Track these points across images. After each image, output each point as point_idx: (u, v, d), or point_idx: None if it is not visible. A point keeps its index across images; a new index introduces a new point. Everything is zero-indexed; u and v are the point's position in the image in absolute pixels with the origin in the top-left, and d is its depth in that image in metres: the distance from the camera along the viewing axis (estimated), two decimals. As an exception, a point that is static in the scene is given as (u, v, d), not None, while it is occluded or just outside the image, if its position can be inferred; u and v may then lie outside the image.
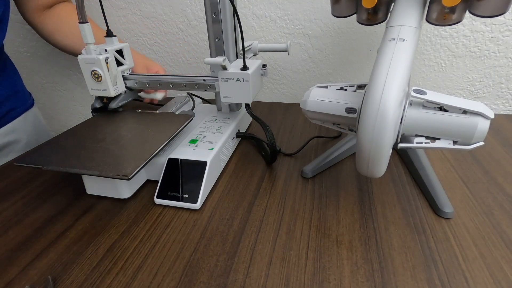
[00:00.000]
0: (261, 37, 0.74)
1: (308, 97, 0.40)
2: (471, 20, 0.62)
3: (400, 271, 0.32)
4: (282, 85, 0.79)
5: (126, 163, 0.39)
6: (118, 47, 0.52)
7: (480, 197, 0.42)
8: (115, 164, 0.39)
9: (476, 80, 0.67)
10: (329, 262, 0.33)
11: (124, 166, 0.38)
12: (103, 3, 0.79)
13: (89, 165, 0.39)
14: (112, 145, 0.43)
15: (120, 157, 0.41)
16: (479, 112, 0.31)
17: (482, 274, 0.31)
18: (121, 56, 0.53)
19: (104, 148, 0.43)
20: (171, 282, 0.32)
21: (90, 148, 0.43)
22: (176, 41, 0.81)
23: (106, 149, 0.43)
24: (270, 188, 0.45)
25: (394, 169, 0.48)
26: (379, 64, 0.31)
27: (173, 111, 0.59)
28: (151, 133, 0.46)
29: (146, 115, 0.53)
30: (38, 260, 0.35)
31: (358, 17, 0.41)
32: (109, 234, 0.38)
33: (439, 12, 0.35)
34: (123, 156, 0.41)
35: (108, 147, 0.43)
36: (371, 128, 0.30)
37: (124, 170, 0.37)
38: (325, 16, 0.68)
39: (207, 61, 0.46)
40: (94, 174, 0.37)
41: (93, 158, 0.41)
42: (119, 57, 0.52)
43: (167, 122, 0.49)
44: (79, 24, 0.46)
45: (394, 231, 0.37)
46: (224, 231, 0.38)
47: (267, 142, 0.48)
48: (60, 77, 0.96)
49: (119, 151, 0.42)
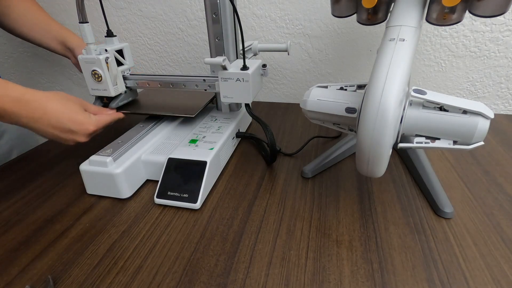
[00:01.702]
0: (261, 37, 0.74)
1: (308, 97, 0.40)
2: (471, 20, 0.62)
3: (400, 271, 0.32)
4: (282, 85, 0.79)
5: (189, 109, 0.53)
6: (118, 47, 0.52)
7: (480, 197, 0.42)
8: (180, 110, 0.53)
9: (476, 80, 0.67)
10: (329, 262, 0.33)
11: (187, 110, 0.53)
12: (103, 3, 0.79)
13: (162, 109, 0.54)
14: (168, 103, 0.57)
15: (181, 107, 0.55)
16: (479, 112, 0.31)
17: (482, 274, 0.31)
18: (121, 56, 0.53)
19: (164, 104, 0.57)
20: (171, 282, 0.32)
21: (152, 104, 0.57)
22: (176, 41, 0.81)
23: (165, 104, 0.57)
24: (270, 188, 0.45)
25: (394, 169, 0.48)
26: (379, 64, 0.31)
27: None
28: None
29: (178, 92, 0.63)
30: (38, 260, 0.35)
31: (358, 17, 0.41)
32: (109, 234, 0.38)
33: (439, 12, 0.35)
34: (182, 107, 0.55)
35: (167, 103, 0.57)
36: (371, 128, 0.30)
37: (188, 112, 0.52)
38: (325, 16, 0.68)
39: (207, 61, 0.46)
40: (168, 114, 0.53)
41: (160, 106, 0.55)
42: (119, 57, 0.52)
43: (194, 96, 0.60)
44: (79, 24, 0.46)
45: (394, 231, 0.37)
46: (224, 231, 0.38)
47: (267, 142, 0.48)
48: (60, 77, 0.96)
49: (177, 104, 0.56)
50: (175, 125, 0.56)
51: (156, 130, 0.52)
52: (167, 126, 0.54)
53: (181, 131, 0.53)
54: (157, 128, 0.53)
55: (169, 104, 0.57)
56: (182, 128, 0.55)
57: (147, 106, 0.57)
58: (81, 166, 0.44)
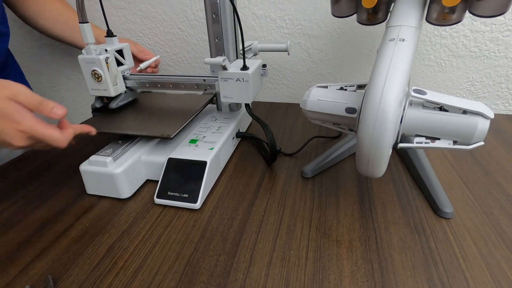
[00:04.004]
0: (261, 37, 0.74)
1: (308, 97, 0.40)
2: (471, 20, 0.62)
3: (400, 271, 0.32)
4: (282, 85, 0.79)
5: (168, 127, 0.48)
6: (118, 47, 0.52)
7: (480, 197, 0.42)
8: (159, 128, 0.48)
9: (476, 80, 0.67)
10: (329, 262, 0.33)
11: (166, 129, 0.47)
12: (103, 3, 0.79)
13: (138, 128, 0.49)
14: (151, 117, 0.53)
15: (161, 123, 0.50)
16: (479, 112, 0.31)
17: (482, 274, 0.31)
18: (121, 56, 0.53)
19: (146, 119, 0.52)
20: (171, 282, 0.32)
21: (134, 118, 0.52)
22: (176, 41, 0.80)
23: (148, 119, 0.52)
24: (270, 188, 0.45)
25: (394, 169, 0.48)
26: (379, 64, 0.31)
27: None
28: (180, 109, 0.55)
29: (169, 96, 0.61)
30: (38, 260, 0.35)
31: (358, 17, 0.41)
32: (109, 234, 0.38)
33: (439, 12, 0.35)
34: (164, 123, 0.50)
35: (149, 118, 0.52)
36: (371, 128, 0.30)
37: (166, 131, 0.46)
38: (325, 16, 0.68)
39: (207, 61, 0.46)
40: (144, 135, 0.47)
41: (140, 125, 0.50)
42: (119, 57, 0.52)
43: (190, 101, 0.58)
44: (79, 24, 0.46)
45: (394, 231, 0.37)
46: (224, 231, 0.38)
47: (267, 142, 0.48)
48: (60, 77, 0.96)
49: (159, 120, 0.51)
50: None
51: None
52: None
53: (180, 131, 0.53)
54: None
55: (153, 117, 0.52)
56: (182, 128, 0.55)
57: (129, 120, 0.52)
58: (81, 166, 0.44)
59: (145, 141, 0.49)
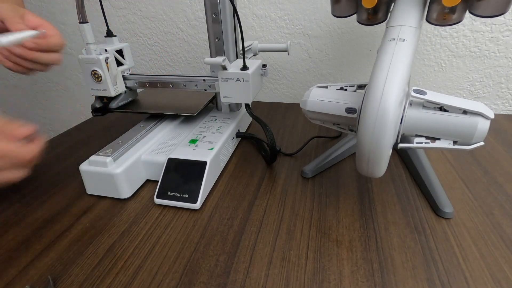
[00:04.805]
0: (261, 37, 0.74)
1: (308, 97, 0.40)
2: (471, 20, 0.62)
3: (400, 271, 0.32)
4: (282, 85, 0.79)
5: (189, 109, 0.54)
6: (118, 47, 0.52)
7: (480, 197, 0.42)
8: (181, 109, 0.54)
9: (476, 80, 0.67)
10: (329, 262, 0.33)
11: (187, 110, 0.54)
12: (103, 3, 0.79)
13: (162, 109, 0.55)
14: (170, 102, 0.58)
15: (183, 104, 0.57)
16: (479, 112, 0.31)
17: (482, 274, 0.31)
18: (121, 56, 0.53)
19: (164, 104, 0.58)
20: (171, 282, 0.32)
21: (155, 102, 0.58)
22: (176, 41, 0.81)
23: (165, 104, 0.58)
24: (270, 188, 0.45)
25: (394, 169, 0.48)
26: (379, 64, 0.31)
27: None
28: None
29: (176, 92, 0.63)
30: (38, 260, 0.35)
31: (358, 17, 0.41)
32: (109, 234, 0.38)
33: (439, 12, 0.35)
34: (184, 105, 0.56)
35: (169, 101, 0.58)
36: (371, 128, 0.30)
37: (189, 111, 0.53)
38: (325, 16, 0.68)
39: (207, 61, 0.46)
40: (170, 113, 0.54)
41: (160, 106, 0.56)
42: (119, 57, 0.52)
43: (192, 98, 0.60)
44: (79, 24, 0.46)
45: (394, 231, 0.37)
46: (224, 231, 0.38)
47: (267, 142, 0.48)
48: (60, 77, 0.96)
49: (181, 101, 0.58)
50: (175, 125, 0.56)
51: (156, 130, 0.52)
52: (167, 126, 0.54)
53: (181, 131, 0.53)
54: (157, 128, 0.53)
55: (169, 104, 0.58)
56: (182, 128, 0.55)
57: (147, 105, 0.57)
58: (81, 166, 0.44)
59: (145, 140, 0.49)
